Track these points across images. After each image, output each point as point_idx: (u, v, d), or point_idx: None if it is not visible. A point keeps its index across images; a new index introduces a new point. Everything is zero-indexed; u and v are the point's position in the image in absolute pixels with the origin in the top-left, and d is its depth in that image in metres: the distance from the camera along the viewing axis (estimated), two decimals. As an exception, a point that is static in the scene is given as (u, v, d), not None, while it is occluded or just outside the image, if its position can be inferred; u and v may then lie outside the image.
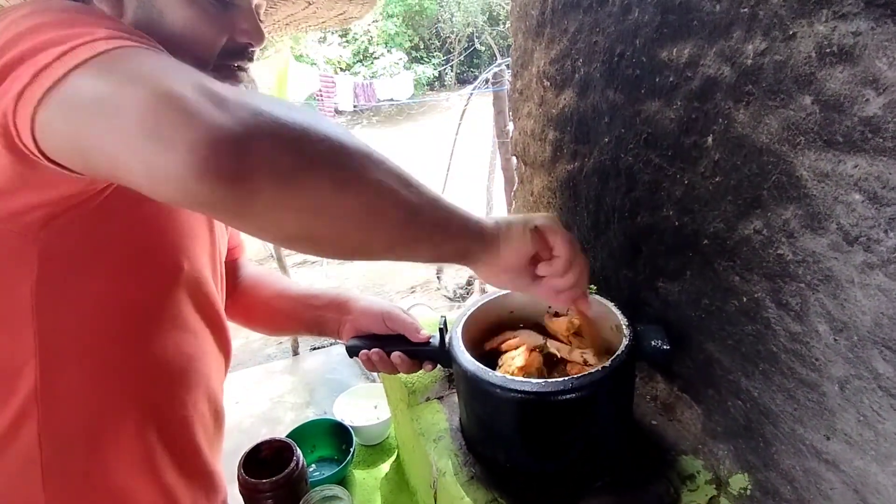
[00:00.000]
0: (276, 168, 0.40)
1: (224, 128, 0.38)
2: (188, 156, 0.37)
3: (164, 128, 0.38)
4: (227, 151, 0.38)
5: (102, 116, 0.41)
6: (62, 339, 0.62)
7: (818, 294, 0.56)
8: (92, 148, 0.43)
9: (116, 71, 0.42)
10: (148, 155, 0.39)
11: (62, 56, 0.43)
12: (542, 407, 0.69)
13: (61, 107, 0.43)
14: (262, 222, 0.43)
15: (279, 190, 0.41)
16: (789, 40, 0.54)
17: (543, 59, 1.02)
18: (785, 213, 0.58)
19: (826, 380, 0.58)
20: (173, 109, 0.38)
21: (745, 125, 0.61)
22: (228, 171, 0.38)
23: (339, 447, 1.22)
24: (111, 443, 0.67)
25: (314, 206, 0.43)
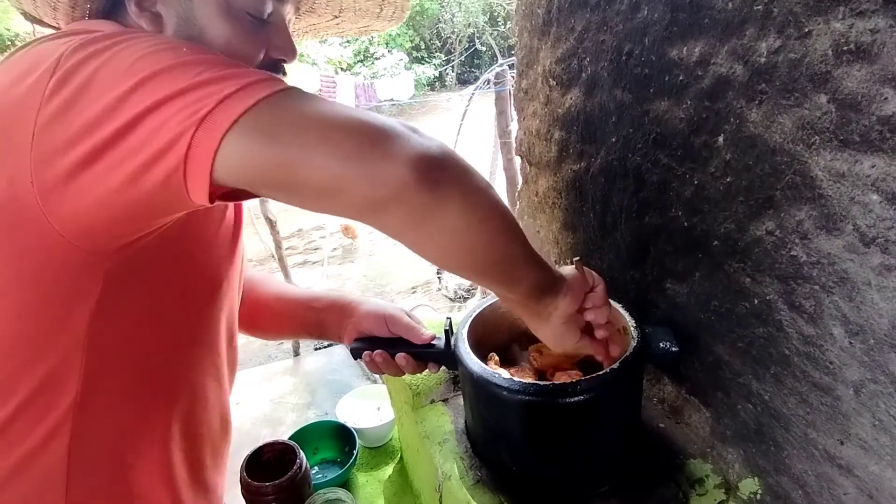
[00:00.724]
0: (463, 183, 0.52)
1: (432, 148, 0.50)
2: (409, 165, 0.47)
3: (388, 146, 0.48)
4: (435, 164, 0.49)
5: (319, 139, 0.48)
6: (107, 358, 0.62)
7: (833, 296, 0.55)
8: (300, 165, 0.48)
9: (313, 103, 0.50)
10: (375, 167, 0.47)
11: (244, 88, 0.48)
12: (548, 409, 0.68)
13: (260, 131, 0.47)
14: (439, 225, 0.51)
15: (463, 199, 0.51)
16: (804, 38, 0.53)
17: (549, 58, 1.01)
18: (799, 214, 0.57)
19: (840, 383, 0.57)
20: (390, 133, 0.49)
21: (757, 124, 0.60)
22: (436, 178, 0.49)
23: (342, 449, 1.21)
24: (137, 459, 0.68)
25: (480, 217, 0.53)
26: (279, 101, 0.49)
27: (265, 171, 0.49)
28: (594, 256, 1.01)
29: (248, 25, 0.63)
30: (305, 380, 3.32)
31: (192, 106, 0.47)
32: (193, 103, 0.47)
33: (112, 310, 0.60)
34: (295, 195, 0.52)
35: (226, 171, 0.48)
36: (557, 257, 1.16)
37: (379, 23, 0.84)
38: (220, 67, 0.50)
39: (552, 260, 1.18)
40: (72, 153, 0.49)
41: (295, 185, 0.50)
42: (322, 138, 0.48)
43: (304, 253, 6.13)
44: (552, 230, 1.15)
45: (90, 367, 0.61)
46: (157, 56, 0.50)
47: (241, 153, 0.47)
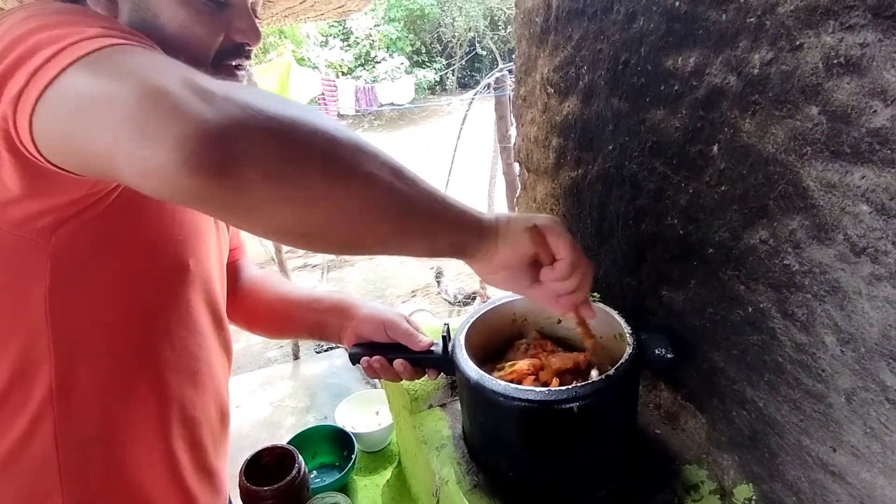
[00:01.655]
0: (264, 161, 0.40)
1: (211, 121, 0.38)
2: (175, 150, 0.37)
3: (151, 123, 0.38)
4: (214, 144, 0.38)
5: (92, 113, 0.42)
6: (76, 341, 0.62)
7: (825, 305, 0.56)
8: (85, 146, 0.43)
9: (105, 68, 0.43)
10: (137, 150, 0.39)
11: (54, 56, 0.44)
12: (545, 415, 0.68)
13: (55, 107, 0.43)
14: (254, 216, 0.43)
15: (268, 183, 0.40)
16: (796, 51, 0.54)
17: (547, 65, 1.02)
18: (791, 224, 0.58)
19: (833, 391, 0.58)
20: (160, 104, 0.39)
21: (751, 134, 0.61)
22: (216, 163, 0.38)
23: (341, 454, 1.21)
24: (129, 443, 0.67)
25: (305, 198, 0.42)
26: (82, 66, 0.44)
27: (61, 152, 0.46)
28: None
29: (205, 9, 0.62)
30: (305, 384, 3.32)
31: (14, 85, 0.45)
32: (16, 81, 0.45)
33: (69, 293, 0.60)
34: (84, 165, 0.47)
35: (44, 148, 0.46)
36: (555, 263, 1.17)
37: (353, 2, 0.84)
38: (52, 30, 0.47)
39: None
40: None
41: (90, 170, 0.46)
42: (93, 112, 0.42)
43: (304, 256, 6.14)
44: (550, 236, 1.16)
45: (61, 353, 0.61)
46: (20, 25, 0.48)
47: (45, 128, 0.45)
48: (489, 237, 0.57)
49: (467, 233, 0.55)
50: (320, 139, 0.43)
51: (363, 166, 0.45)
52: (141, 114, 0.39)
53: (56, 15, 0.51)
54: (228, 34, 0.65)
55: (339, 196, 0.44)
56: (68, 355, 0.61)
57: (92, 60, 0.44)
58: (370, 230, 0.48)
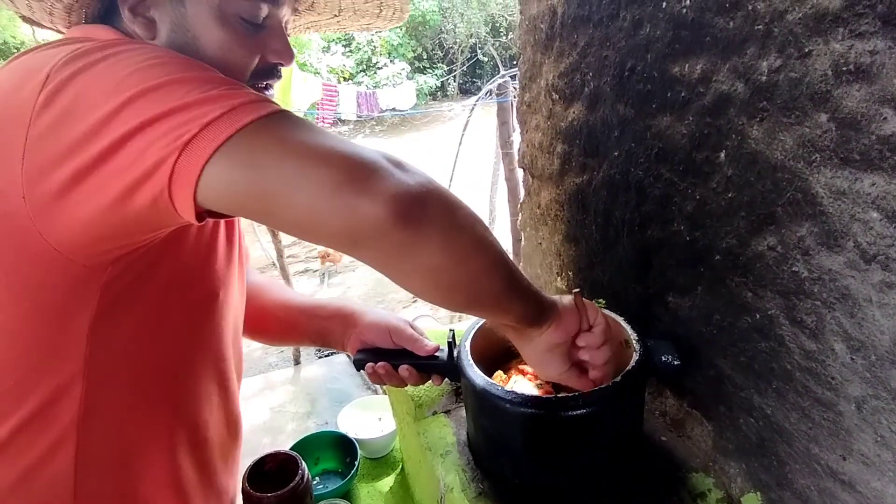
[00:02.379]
0: (443, 222, 0.51)
1: (412, 185, 0.49)
2: (387, 203, 0.47)
3: (367, 182, 0.47)
4: (415, 203, 0.48)
5: (298, 172, 0.47)
6: (108, 369, 0.62)
7: (834, 312, 0.56)
8: (278, 197, 0.48)
9: (296, 131, 0.49)
10: (352, 203, 0.47)
11: (229, 112, 0.47)
12: (551, 422, 0.68)
13: (240, 159, 0.47)
14: (418, 263, 0.51)
15: (443, 238, 0.50)
16: (805, 58, 0.54)
17: (552, 72, 1.02)
18: (800, 231, 0.58)
19: (843, 399, 0.57)
20: (372, 169, 0.48)
21: (759, 141, 0.61)
22: (415, 216, 0.48)
23: (344, 460, 1.20)
24: (144, 466, 0.68)
25: (460, 256, 0.52)
26: (263, 127, 0.48)
27: (245, 199, 0.49)
28: (596, 269, 1.01)
29: (243, 31, 0.63)
30: (306, 389, 3.31)
31: (176, 130, 0.47)
32: (178, 127, 0.47)
33: (111, 321, 0.60)
34: (275, 224, 0.53)
35: (208, 196, 0.48)
36: (559, 269, 1.16)
37: (380, 21, 0.84)
38: (209, 86, 0.50)
39: (553, 272, 1.19)
40: (61, 170, 0.50)
41: (274, 216, 0.51)
42: (301, 171, 0.47)
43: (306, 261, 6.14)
44: (554, 242, 1.16)
45: (93, 379, 0.61)
46: (146, 73, 0.50)
47: (222, 181, 0.48)
48: (550, 310, 0.63)
49: (539, 305, 0.62)
50: (468, 212, 0.54)
51: (491, 236, 0.56)
52: (358, 175, 0.47)
53: (189, 69, 0.52)
54: (264, 55, 0.66)
55: (481, 258, 0.54)
56: (99, 382, 0.61)
57: (273, 122, 0.49)
58: (489, 287, 0.57)
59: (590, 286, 1.05)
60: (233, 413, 0.81)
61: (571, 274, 1.12)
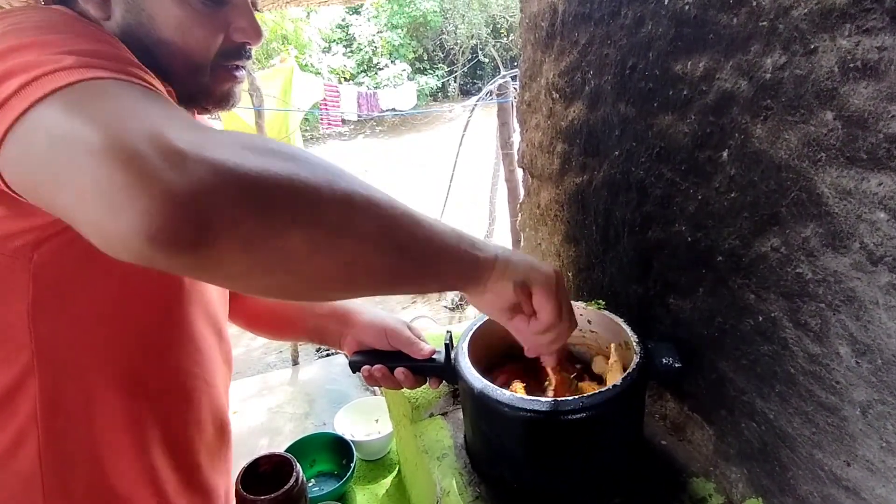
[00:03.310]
0: (240, 232, 0.37)
1: (178, 191, 0.35)
2: (140, 223, 0.34)
3: (115, 190, 0.35)
4: (182, 218, 0.35)
5: (56, 165, 0.38)
6: (61, 359, 0.60)
7: (840, 315, 0.55)
8: (48, 195, 0.40)
9: (75, 109, 0.40)
10: (100, 217, 0.36)
11: (23, 88, 0.41)
12: (550, 426, 0.67)
13: (19, 145, 0.40)
14: (232, 282, 0.42)
15: (245, 254, 0.38)
16: (810, 55, 0.53)
17: (553, 70, 1.01)
18: (804, 231, 0.57)
19: (847, 404, 0.56)
20: (125, 170, 0.35)
21: (762, 140, 0.60)
22: (186, 238, 0.35)
23: (340, 462, 1.19)
24: (113, 459, 0.66)
25: (286, 268, 0.40)
26: (48, 107, 0.40)
27: (30, 194, 0.43)
28: (596, 270, 1.00)
29: (203, 8, 0.60)
30: (304, 389, 3.29)
31: None
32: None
33: (53, 310, 0.58)
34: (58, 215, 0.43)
35: (16, 187, 0.44)
36: (559, 269, 1.15)
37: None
38: (46, 51, 0.44)
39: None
40: None
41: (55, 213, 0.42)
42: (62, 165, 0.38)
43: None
44: (554, 242, 1.15)
45: (45, 370, 0.59)
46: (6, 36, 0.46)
47: (11, 166, 0.42)
48: (481, 277, 0.56)
49: (460, 276, 0.54)
50: (305, 201, 0.40)
51: (352, 225, 0.42)
52: (106, 179, 0.35)
53: (35, 31, 0.48)
54: (228, 34, 0.63)
55: (324, 263, 0.42)
56: (53, 373, 0.60)
57: (63, 97, 0.40)
58: (358, 286, 0.47)
59: (590, 287, 1.04)
60: (219, 409, 0.79)
61: (571, 275, 1.10)
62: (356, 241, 0.43)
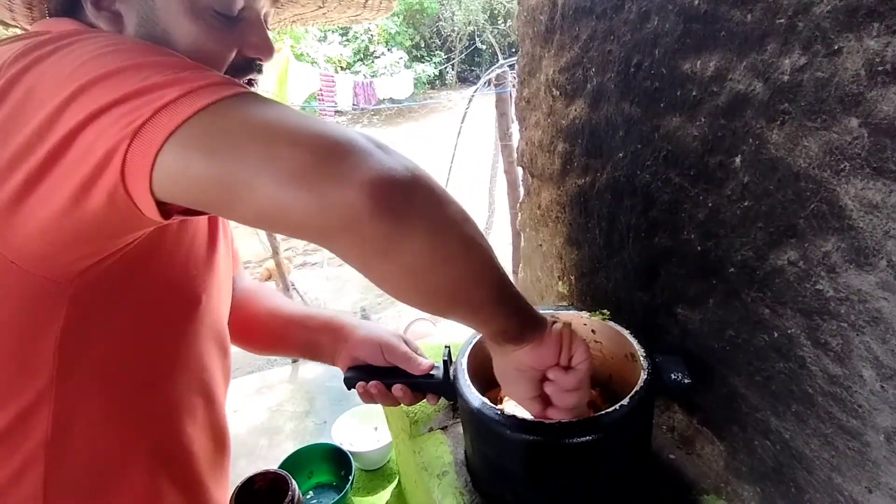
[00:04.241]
0: (431, 216, 0.44)
1: (396, 170, 0.42)
2: (364, 190, 0.40)
3: (340, 166, 0.41)
4: (397, 191, 0.42)
5: (260, 155, 0.41)
6: (78, 385, 0.58)
7: (864, 336, 0.51)
8: (238, 185, 0.42)
9: (261, 112, 0.43)
10: (321, 189, 0.40)
11: (186, 95, 0.42)
12: (554, 449, 0.64)
13: (196, 145, 0.42)
14: (398, 261, 0.45)
15: (428, 234, 0.44)
16: (833, 56, 0.48)
17: (552, 66, 0.96)
18: (825, 245, 0.53)
19: (870, 429, 0.53)
20: (346, 149, 0.41)
21: (779, 147, 0.56)
22: (396, 208, 0.41)
23: (338, 473, 1.16)
24: (117, 483, 0.64)
25: (446, 257, 0.46)
26: (222, 109, 0.43)
27: (202, 189, 0.44)
28: (600, 274, 0.96)
29: (216, 24, 0.58)
30: (304, 388, 3.27)
31: (127, 116, 0.42)
32: (130, 112, 0.42)
33: (81, 337, 0.56)
34: (239, 217, 0.45)
35: (165, 187, 0.43)
36: (561, 273, 1.12)
37: (367, 12, 0.80)
38: (169, 71, 0.45)
39: (554, 275, 1.14)
40: (14, 176, 0.45)
41: (234, 207, 0.44)
42: (263, 154, 0.41)
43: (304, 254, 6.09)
44: (555, 244, 1.11)
45: (62, 398, 0.57)
46: (99, 61, 0.45)
47: (178, 169, 0.42)
48: (536, 331, 0.57)
49: (524, 321, 0.57)
50: (457, 208, 0.48)
51: (482, 239, 0.49)
52: (327, 157, 0.41)
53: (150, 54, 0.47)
54: (241, 49, 0.61)
55: (471, 259, 0.48)
56: (69, 400, 0.58)
57: (236, 103, 0.44)
58: (474, 295, 0.51)
59: (593, 291, 1.01)
60: (219, 424, 0.77)
61: (573, 278, 1.07)
62: (486, 250, 0.50)
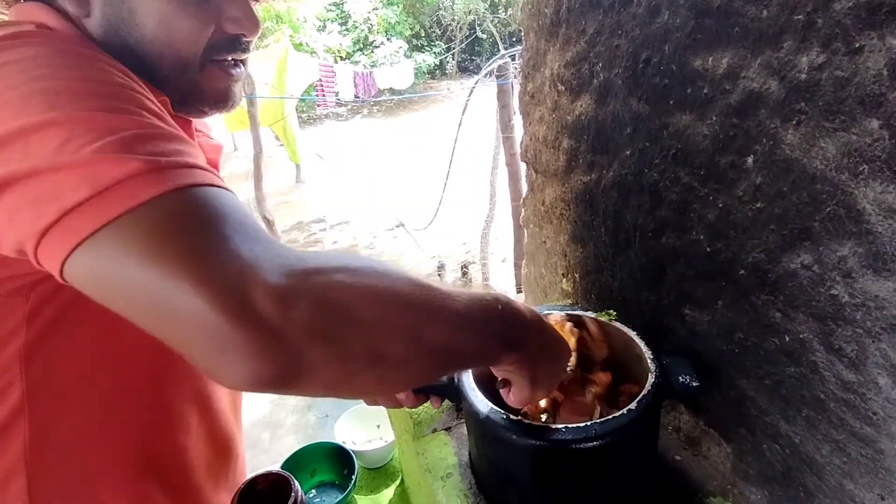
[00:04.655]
0: (325, 377, 0.39)
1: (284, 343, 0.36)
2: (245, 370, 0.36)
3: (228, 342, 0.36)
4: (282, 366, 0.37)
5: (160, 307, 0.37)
6: (53, 397, 0.57)
7: (880, 343, 0.50)
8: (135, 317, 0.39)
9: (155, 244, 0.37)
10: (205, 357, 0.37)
11: (96, 197, 0.37)
12: (560, 454, 0.63)
13: (97, 268, 0.38)
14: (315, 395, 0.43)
15: (329, 388, 0.41)
16: (854, 54, 0.47)
17: (558, 61, 0.94)
18: (841, 250, 0.51)
19: (885, 436, 0.52)
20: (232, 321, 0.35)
21: (794, 147, 0.54)
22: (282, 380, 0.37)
23: (341, 472, 1.16)
24: (105, 491, 0.63)
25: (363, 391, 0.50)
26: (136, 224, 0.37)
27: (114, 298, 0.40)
28: (605, 273, 0.95)
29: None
30: (306, 379, 3.28)
31: (35, 208, 0.39)
32: (37, 203, 0.38)
33: (47, 351, 0.55)
34: None
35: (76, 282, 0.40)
36: (565, 270, 1.10)
37: None
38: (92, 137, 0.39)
39: (559, 273, 1.13)
40: None
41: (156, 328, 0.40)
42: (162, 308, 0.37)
43: (304, 246, 6.08)
44: (560, 242, 1.10)
45: (37, 410, 0.56)
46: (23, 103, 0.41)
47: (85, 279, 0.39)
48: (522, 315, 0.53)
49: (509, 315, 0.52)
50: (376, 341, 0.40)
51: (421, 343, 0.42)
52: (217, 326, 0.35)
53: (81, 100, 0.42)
54: (220, 25, 0.57)
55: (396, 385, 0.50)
56: (44, 412, 0.57)
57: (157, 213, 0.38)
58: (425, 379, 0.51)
59: (598, 290, 0.99)
60: (219, 431, 0.76)
61: (578, 276, 1.05)
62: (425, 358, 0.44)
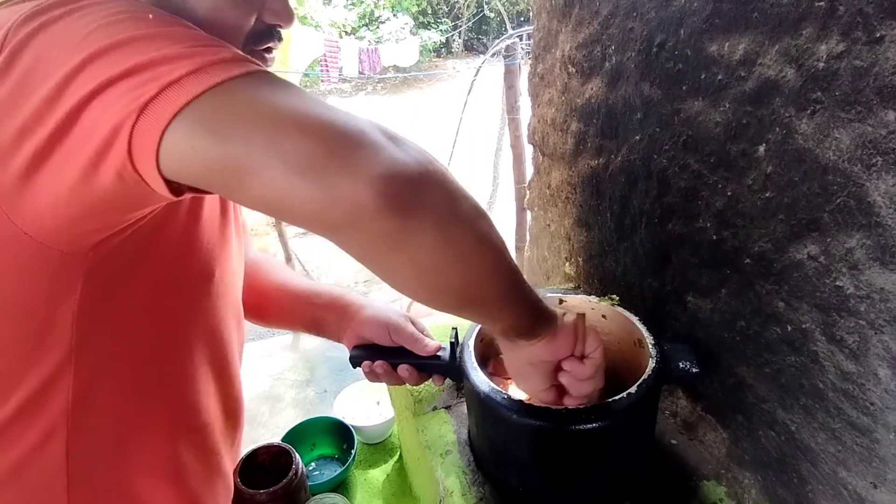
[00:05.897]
0: (442, 212, 0.43)
1: (407, 166, 0.41)
2: (372, 185, 0.39)
3: (350, 158, 0.40)
4: (407, 187, 0.41)
5: (268, 142, 0.40)
6: (98, 356, 0.58)
7: (882, 336, 0.50)
8: (244, 172, 0.41)
9: (273, 95, 0.42)
10: (329, 181, 0.39)
11: (196, 71, 0.41)
12: (560, 435, 0.64)
13: (204, 125, 0.41)
14: (406, 259, 0.44)
15: (438, 231, 0.43)
16: (874, 44, 0.46)
17: (569, 42, 0.93)
18: (849, 242, 0.51)
19: (881, 426, 0.52)
20: (357, 141, 0.40)
21: (808, 137, 0.54)
22: (405, 205, 0.40)
23: (341, 446, 1.18)
24: (138, 453, 0.65)
25: (458, 255, 0.45)
26: (233, 89, 0.41)
27: (208, 172, 0.43)
28: (609, 258, 0.95)
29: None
30: (305, 356, 3.30)
31: (135, 90, 0.40)
32: (137, 87, 0.40)
33: (98, 309, 0.56)
34: (243, 200, 0.45)
35: (171, 167, 0.42)
36: (568, 254, 1.10)
37: None
38: (181, 43, 0.43)
39: (562, 256, 1.13)
40: (23, 149, 0.44)
41: (240, 191, 0.43)
42: (271, 141, 0.40)
43: (306, 224, 6.07)
44: (564, 225, 1.10)
45: (82, 368, 0.57)
46: (109, 29, 0.43)
47: (184, 150, 0.41)
48: (549, 326, 0.57)
49: (537, 317, 0.56)
50: (471, 204, 0.46)
51: (495, 234, 0.48)
52: (339, 148, 0.40)
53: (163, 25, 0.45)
54: (260, 15, 0.59)
55: (480, 259, 0.47)
56: (89, 371, 0.58)
57: (247, 82, 0.42)
58: (485, 294, 0.50)
59: (601, 274, 1.00)
60: (232, 396, 0.77)
61: (581, 260, 1.06)
62: (500, 248, 0.49)
